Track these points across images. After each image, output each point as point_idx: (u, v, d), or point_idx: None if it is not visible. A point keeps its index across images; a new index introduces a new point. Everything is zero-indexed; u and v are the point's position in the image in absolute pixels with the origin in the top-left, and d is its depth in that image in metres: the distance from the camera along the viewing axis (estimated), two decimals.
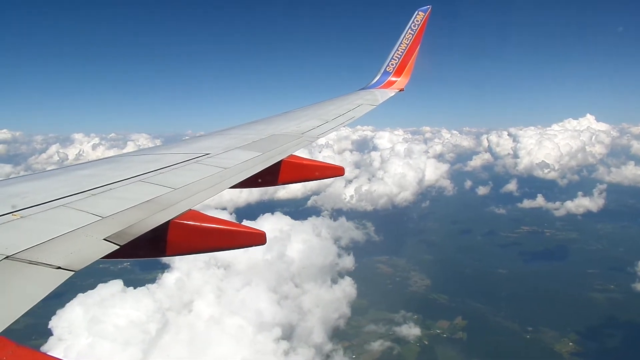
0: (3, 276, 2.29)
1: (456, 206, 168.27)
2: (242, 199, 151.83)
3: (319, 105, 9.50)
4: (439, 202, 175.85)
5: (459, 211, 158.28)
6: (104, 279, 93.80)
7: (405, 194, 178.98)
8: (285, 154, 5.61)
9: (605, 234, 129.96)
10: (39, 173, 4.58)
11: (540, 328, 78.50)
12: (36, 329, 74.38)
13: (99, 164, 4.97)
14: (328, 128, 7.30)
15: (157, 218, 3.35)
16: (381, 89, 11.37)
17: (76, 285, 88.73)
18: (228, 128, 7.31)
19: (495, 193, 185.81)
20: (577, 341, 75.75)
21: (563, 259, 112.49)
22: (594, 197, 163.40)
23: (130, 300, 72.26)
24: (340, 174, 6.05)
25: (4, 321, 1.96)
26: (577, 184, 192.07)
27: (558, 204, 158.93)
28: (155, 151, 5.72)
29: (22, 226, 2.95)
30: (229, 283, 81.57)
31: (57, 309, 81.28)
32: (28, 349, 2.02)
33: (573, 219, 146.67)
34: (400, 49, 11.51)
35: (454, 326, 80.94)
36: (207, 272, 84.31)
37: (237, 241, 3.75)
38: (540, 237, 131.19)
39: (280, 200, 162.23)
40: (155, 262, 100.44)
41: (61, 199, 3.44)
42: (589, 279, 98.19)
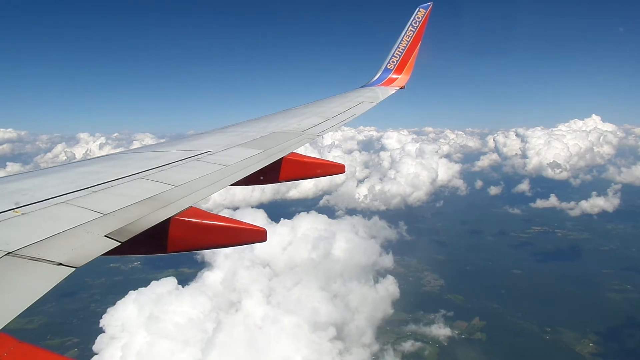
0: (4, 272, 2.30)
1: (466, 206, 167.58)
2: (255, 198, 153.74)
3: (319, 103, 9.47)
4: (451, 202, 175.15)
5: (469, 211, 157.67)
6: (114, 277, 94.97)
7: (419, 194, 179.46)
8: (286, 152, 5.60)
9: (617, 234, 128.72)
10: (39, 170, 4.61)
11: (559, 329, 77.71)
12: (51, 328, 75.19)
13: (100, 161, 4.98)
14: (329, 126, 7.26)
15: (158, 215, 3.36)
16: (382, 87, 11.32)
17: (87, 284, 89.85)
18: (229, 125, 7.32)
19: (507, 193, 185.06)
20: (597, 342, 74.86)
21: (576, 259, 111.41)
22: (608, 197, 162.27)
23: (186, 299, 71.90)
24: (340, 172, 6.02)
25: (5, 317, 1.97)
26: (590, 184, 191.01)
27: (573, 203, 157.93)
28: (156, 148, 5.74)
29: (23, 223, 2.96)
30: (279, 282, 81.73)
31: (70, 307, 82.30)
32: (29, 345, 2.03)
33: (583, 219, 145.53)
34: (401, 47, 11.46)
35: (472, 327, 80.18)
36: (253, 271, 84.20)
37: (238, 238, 3.76)
38: (552, 237, 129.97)
39: (292, 200, 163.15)
40: (167, 262, 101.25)
41: (62, 195, 3.46)
42: (605, 279, 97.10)
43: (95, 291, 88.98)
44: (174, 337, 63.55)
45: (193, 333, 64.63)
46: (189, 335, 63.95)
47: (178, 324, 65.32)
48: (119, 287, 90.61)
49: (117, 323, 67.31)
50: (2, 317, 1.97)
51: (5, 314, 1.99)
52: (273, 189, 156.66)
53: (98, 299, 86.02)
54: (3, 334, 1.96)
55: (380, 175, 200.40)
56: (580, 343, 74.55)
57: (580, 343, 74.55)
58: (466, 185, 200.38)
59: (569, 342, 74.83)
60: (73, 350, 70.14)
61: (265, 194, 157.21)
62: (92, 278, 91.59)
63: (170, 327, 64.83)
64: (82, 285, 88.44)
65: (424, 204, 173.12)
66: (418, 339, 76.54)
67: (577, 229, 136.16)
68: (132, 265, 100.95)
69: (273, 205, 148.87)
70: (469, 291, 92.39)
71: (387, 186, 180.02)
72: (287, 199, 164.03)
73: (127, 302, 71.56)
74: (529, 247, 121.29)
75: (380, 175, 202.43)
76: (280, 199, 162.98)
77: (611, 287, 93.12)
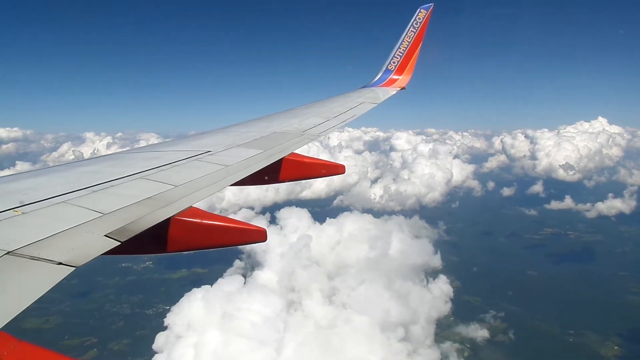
0: (4, 272, 2.30)
1: (479, 207, 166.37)
2: (269, 198, 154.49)
3: (320, 103, 9.46)
4: (466, 203, 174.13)
5: (481, 212, 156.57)
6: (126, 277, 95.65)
7: (434, 195, 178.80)
8: (286, 152, 5.60)
9: (629, 236, 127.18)
10: (39, 170, 4.63)
11: (582, 331, 76.90)
12: (68, 328, 75.77)
13: (100, 160, 5.00)
14: (330, 126, 7.25)
15: (159, 215, 3.37)
16: (383, 87, 11.28)
17: (101, 284, 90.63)
18: (229, 125, 7.32)
19: (521, 194, 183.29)
20: (621, 345, 74.08)
21: (591, 262, 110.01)
22: (625, 198, 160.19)
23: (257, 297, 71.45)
24: (341, 172, 6.01)
25: (5, 316, 1.98)
26: (603, 186, 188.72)
27: (589, 205, 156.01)
28: (157, 148, 5.76)
29: (23, 222, 2.97)
30: (342, 281, 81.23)
31: (85, 307, 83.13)
32: (29, 344, 2.04)
33: (597, 222, 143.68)
34: (402, 47, 11.40)
35: (494, 329, 79.48)
36: (310, 271, 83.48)
37: (238, 238, 3.77)
38: (565, 239, 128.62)
39: (306, 200, 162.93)
40: (179, 261, 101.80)
41: (62, 195, 3.47)
42: (622, 281, 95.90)
43: (109, 291, 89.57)
44: (250, 336, 62.81)
45: (267, 332, 63.98)
46: (263, 335, 63.26)
47: (253, 323, 64.81)
48: (132, 287, 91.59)
49: (183, 322, 66.73)
50: (2, 316, 1.97)
51: (5, 314, 2.00)
52: (287, 189, 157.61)
53: (112, 298, 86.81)
54: (3, 333, 1.97)
55: (394, 176, 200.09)
56: (604, 346, 73.74)
57: (604, 346, 73.74)
58: (481, 186, 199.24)
59: (593, 345, 74.04)
60: (92, 351, 70.60)
61: (279, 194, 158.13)
62: (105, 278, 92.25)
63: (245, 325, 64.21)
64: (96, 285, 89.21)
65: (439, 205, 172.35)
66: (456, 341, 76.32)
67: (589, 231, 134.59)
68: (144, 265, 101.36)
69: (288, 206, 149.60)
70: (485, 293, 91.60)
71: (402, 186, 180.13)
72: (301, 199, 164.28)
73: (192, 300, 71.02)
74: (542, 249, 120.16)
75: (393, 175, 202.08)
76: (294, 199, 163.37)
77: (629, 290, 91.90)
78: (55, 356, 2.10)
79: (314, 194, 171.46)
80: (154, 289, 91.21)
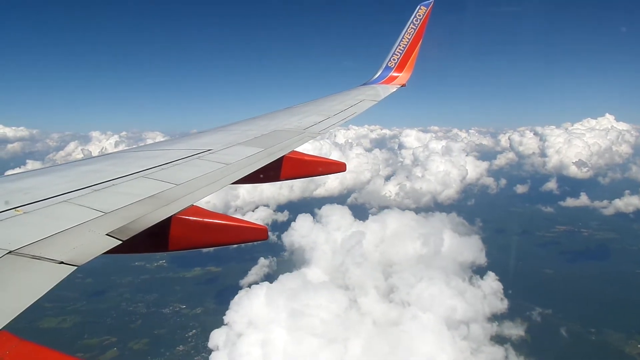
0: (6, 271, 2.31)
1: (489, 205, 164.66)
2: (284, 196, 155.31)
3: (320, 101, 9.44)
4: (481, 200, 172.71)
5: (492, 210, 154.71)
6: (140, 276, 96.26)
7: (449, 192, 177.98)
8: (287, 150, 5.60)
9: None
10: (41, 169, 4.66)
11: (604, 330, 75.94)
12: (85, 327, 76.21)
13: (102, 159, 5.01)
14: (330, 124, 7.24)
15: (160, 213, 3.38)
16: (383, 85, 11.25)
17: (115, 283, 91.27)
18: (230, 124, 7.33)
19: (535, 192, 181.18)
20: None
21: (606, 259, 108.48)
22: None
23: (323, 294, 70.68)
24: (342, 170, 6.01)
25: (7, 315, 1.99)
26: (618, 183, 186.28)
27: (605, 202, 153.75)
28: (158, 147, 5.76)
29: (25, 221, 2.99)
30: (400, 279, 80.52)
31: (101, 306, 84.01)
32: (31, 343, 2.03)
33: (612, 219, 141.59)
34: (402, 44, 11.36)
35: (515, 327, 78.55)
36: (364, 268, 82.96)
37: (239, 236, 3.79)
38: (578, 236, 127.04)
39: (319, 198, 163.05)
40: (193, 260, 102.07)
41: (63, 194, 3.49)
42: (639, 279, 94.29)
43: (124, 290, 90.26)
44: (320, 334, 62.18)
45: (336, 330, 63.54)
46: (333, 332, 62.80)
47: (323, 320, 64.23)
48: (147, 285, 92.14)
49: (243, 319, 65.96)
50: (4, 315, 1.99)
51: (7, 313, 2.01)
52: (301, 186, 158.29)
53: (128, 297, 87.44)
54: (5, 332, 1.97)
55: (406, 173, 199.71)
56: (627, 344, 72.74)
57: (627, 344, 72.74)
58: (496, 184, 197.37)
59: (616, 343, 73.10)
60: (112, 350, 70.80)
61: (294, 192, 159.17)
62: (119, 277, 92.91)
63: (315, 323, 63.56)
64: (110, 284, 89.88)
65: (455, 202, 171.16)
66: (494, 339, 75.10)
67: (602, 228, 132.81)
68: (158, 264, 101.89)
69: (303, 203, 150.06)
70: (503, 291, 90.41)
71: (417, 184, 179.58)
72: (316, 197, 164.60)
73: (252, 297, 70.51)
74: (557, 247, 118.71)
75: (406, 173, 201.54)
76: (309, 196, 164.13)
77: None
78: (58, 355, 2.09)
79: (327, 191, 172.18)
80: (168, 288, 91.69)
